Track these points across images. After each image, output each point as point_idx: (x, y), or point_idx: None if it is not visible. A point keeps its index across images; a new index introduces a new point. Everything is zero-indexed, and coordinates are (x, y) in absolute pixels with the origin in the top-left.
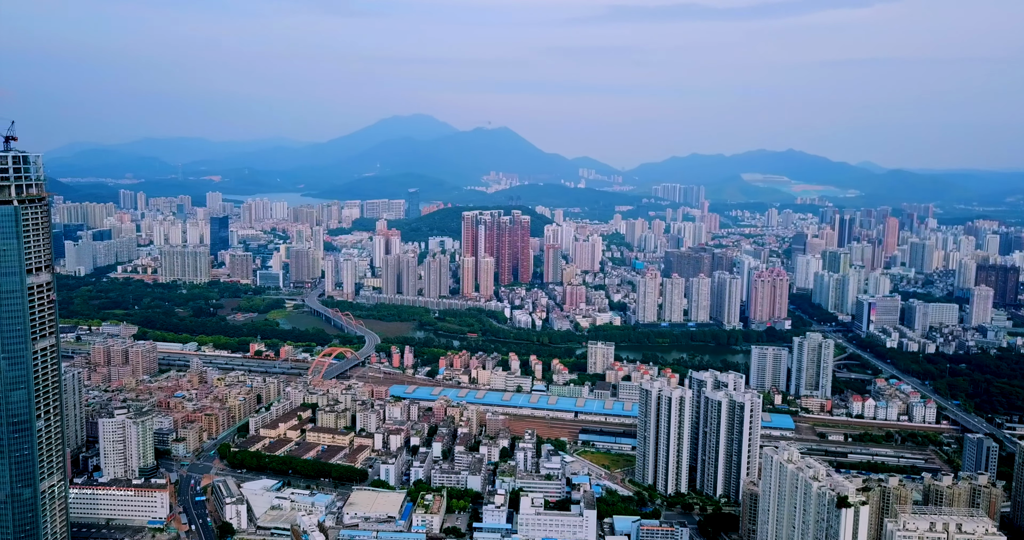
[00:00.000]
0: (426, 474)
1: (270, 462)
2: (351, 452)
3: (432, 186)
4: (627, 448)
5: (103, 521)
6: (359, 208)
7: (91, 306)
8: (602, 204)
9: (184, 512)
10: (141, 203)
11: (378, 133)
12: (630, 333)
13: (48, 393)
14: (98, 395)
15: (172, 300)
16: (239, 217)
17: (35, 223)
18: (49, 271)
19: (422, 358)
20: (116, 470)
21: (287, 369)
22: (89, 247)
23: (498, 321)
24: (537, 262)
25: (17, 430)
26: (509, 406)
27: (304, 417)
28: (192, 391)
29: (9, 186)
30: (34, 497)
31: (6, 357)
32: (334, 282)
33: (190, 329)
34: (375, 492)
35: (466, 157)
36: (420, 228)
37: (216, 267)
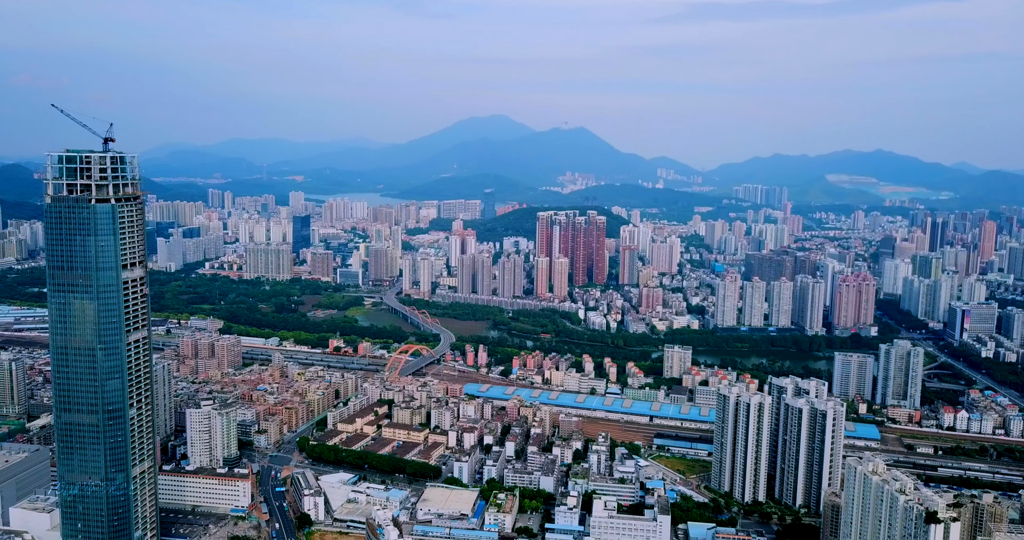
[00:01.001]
0: (499, 473)
1: (347, 456)
2: (425, 449)
3: (508, 187)
4: (703, 454)
5: (189, 507)
6: (436, 208)
7: (180, 301)
8: (681, 205)
9: (265, 502)
10: (228, 202)
11: (456, 134)
12: (708, 337)
13: (140, 383)
14: (186, 386)
15: (256, 296)
16: (320, 216)
17: (130, 221)
18: (143, 267)
19: (496, 357)
20: (202, 459)
21: (365, 365)
22: (179, 244)
23: (572, 322)
24: (613, 263)
25: (112, 418)
26: (583, 408)
27: (380, 413)
28: (274, 385)
29: (107, 185)
30: (126, 482)
31: (103, 348)
32: (411, 281)
33: (272, 324)
34: (448, 489)
35: (542, 157)
36: (495, 228)
37: (298, 265)
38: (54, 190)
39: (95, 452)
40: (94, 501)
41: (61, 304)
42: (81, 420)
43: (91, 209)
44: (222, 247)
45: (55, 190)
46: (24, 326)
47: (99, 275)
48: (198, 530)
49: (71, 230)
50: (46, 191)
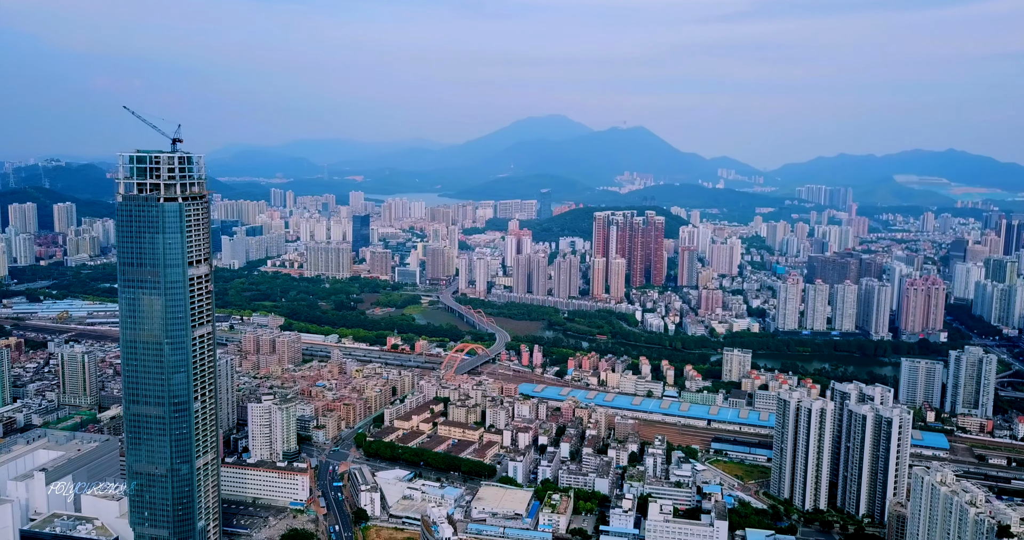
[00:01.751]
0: (553, 474)
1: (403, 453)
2: (480, 447)
3: (564, 186)
4: (762, 459)
5: (250, 499)
6: (492, 208)
7: (243, 297)
8: (741, 205)
9: (323, 496)
10: (290, 201)
11: (513, 134)
12: (769, 340)
13: (204, 377)
14: (248, 381)
15: (316, 294)
16: (379, 216)
17: (196, 219)
18: (207, 264)
19: (551, 358)
20: (262, 452)
21: (421, 363)
22: (243, 242)
23: (628, 324)
24: (671, 264)
25: (177, 410)
26: (639, 411)
27: (436, 410)
28: (332, 381)
29: (175, 184)
30: (191, 473)
31: (169, 342)
32: (467, 280)
33: (332, 322)
34: (503, 488)
35: (600, 157)
36: (551, 228)
37: (357, 263)
38: (125, 189)
39: (161, 443)
40: (160, 490)
41: (131, 299)
42: (148, 412)
43: (159, 208)
44: (284, 245)
45: (126, 189)
46: (96, 320)
47: (166, 272)
48: (258, 522)
49: (140, 228)
50: (118, 190)
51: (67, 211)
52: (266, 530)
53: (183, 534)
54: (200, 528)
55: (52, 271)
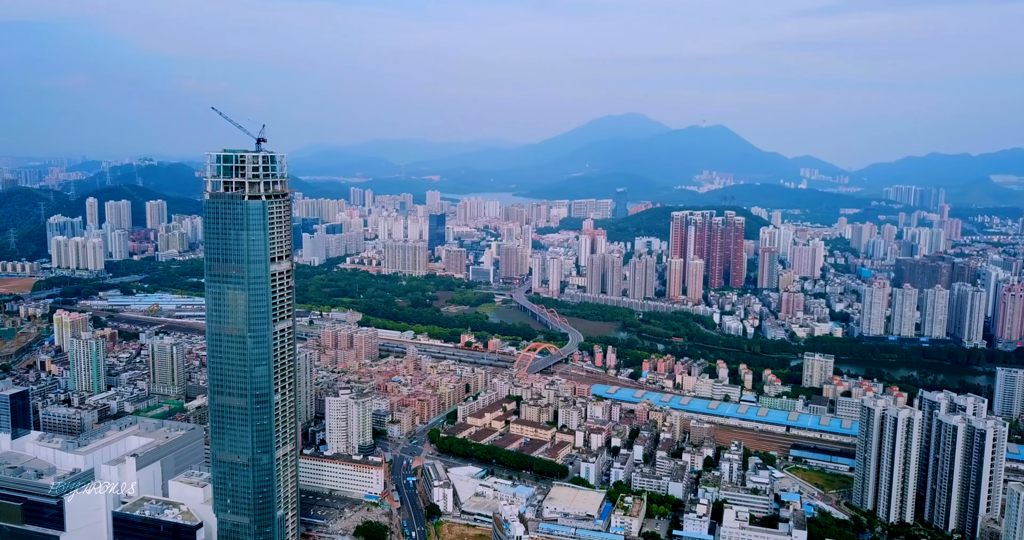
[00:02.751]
0: (626, 476)
1: (476, 450)
2: (552, 447)
3: (641, 186)
4: (844, 468)
5: (326, 491)
6: (567, 207)
7: (322, 293)
8: (825, 206)
9: (396, 490)
10: (368, 200)
11: (589, 133)
12: (852, 346)
13: (285, 370)
14: (326, 375)
15: (392, 291)
16: (455, 215)
17: (279, 216)
18: (289, 260)
19: (625, 359)
20: (339, 445)
21: (494, 361)
22: (323, 240)
23: (706, 326)
24: (751, 266)
25: (259, 402)
26: (715, 415)
27: (508, 409)
28: (407, 377)
29: (259, 183)
30: (271, 463)
31: (252, 336)
32: (540, 279)
33: (408, 318)
34: (575, 489)
35: (678, 156)
36: (627, 228)
37: (433, 261)
38: (212, 187)
39: (243, 433)
40: (242, 479)
41: (216, 294)
42: (232, 403)
43: (244, 205)
44: (362, 243)
45: (213, 187)
46: (184, 314)
47: (250, 267)
48: (334, 513)
49: (226, 225)
50: (205, 188)
51: (158, 208)
52: (341, 521)
53: (263, 522)
54: (279, 517)
55: (144, 266)
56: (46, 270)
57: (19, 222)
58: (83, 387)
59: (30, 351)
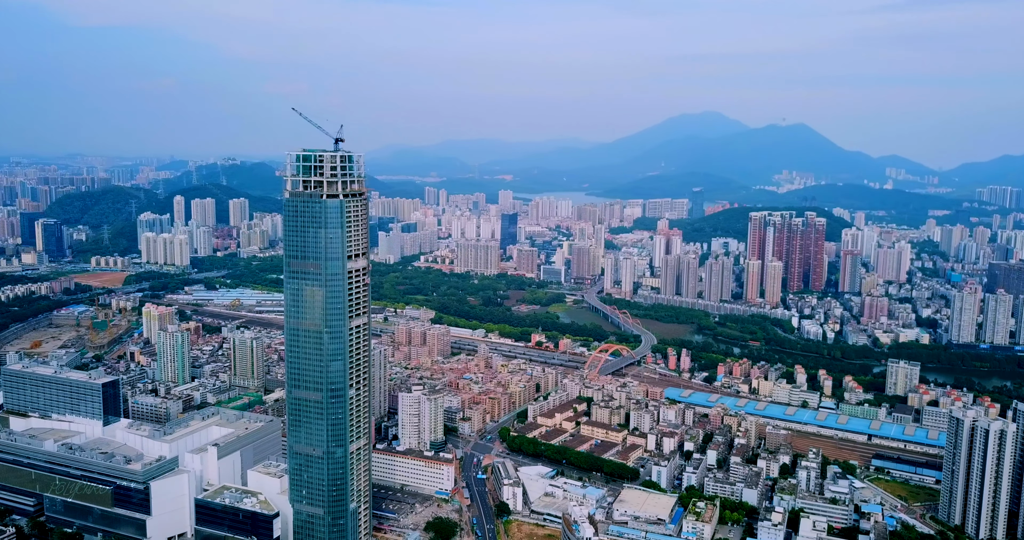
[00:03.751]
0: (699, 481)
1: (546, 450)
2: (623, 449)
3: (718, 185)
4: (929, 480)
5: (398, 486)
6: (641, 207)
7: (397, 291)
8: (912, 207)
9: (467, 487)
10: (443, 199)
11: (665, 132)
12: (940, 353)
13: (359, 366)
14: (399, 371)
15: (465, 289)
16: (527, 214)
17: (356, 215)
18: (365, 258)
19: (699, 363)
20: (411, 441)
21: (565, 361)
22: (398, 238)
23: (784, 330)
24: (832, 269)
25: (334, 396)
26: (792, 421)
27: (579, 410)
28: (478, 375)
29: (337, 182)
30: (345, 457)
31: (328, 331)
32: (613, 280)
33: (479, 317)
34: (646, 492)
35: (756, 155)
36: (703, 228)
37: (504, 260)
38: (292, 186)
39: (319, 426)
40: (317, 471)
41: (295, 290)
42: (308, 396)
43: (322, 204)
44: (436, 242)
45: (293, 186)
46: (264, 309)
47: (327, 264)
48: (405, 508)
49: (305, 223)
50: (285, 187)
51: (241, 206)
52: (412, 516)
53: (336, 514)
54: (352, 510)
55: (227, 262)
56: (136, 265)
57: (112, 219)
58: (169, 378)
59: (121, 342)
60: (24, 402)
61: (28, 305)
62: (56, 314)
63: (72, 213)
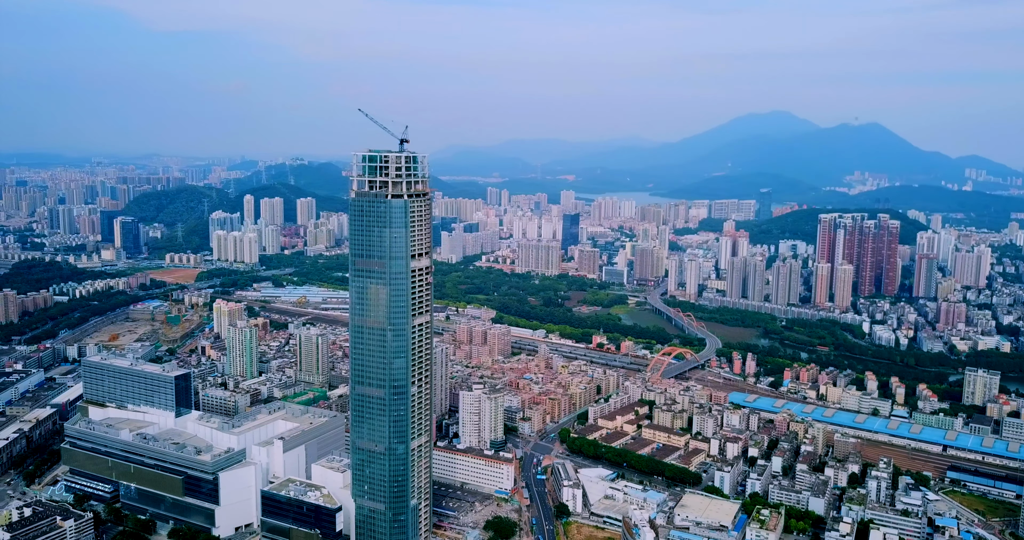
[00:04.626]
0: (763, 488)
1: (606, 452)
2: (685, 454)
3: (786, 186)
4: (1009, 495)
5: (458, 484)
6: (707, 208)
7: (459, 290)
8: (993, 210)
9: (526, 487)
10: (504, 199)
11: (731, 131)
12: (1022, 362)
13: (421, 363)
14: (460, 370)
15: (525, 289)
16: (589, 214)
17: (419, 215)
18: (428, 257)
19: (765, 367)
20: (471, 439)
21: (626, 364)
22: (460, 238)
23: (854, 335)
24: (906, 273)
25: (397, 393)
26: (862, 429)
27: (641, 413)
28: (539, 375)
29: (401, 182)
30: (406, 453)
31: (392, 329)
32: (677, 282)
33: (540, 317)
34: (708, 498)
35: (827, 156)
36: (770, 230)
37: (566, 261)
38: (358, 186)
39: (381, 423)
40: (378, 467)
41: (360, 288)
42: (371, 393)
43: (387, 204)
44: (497, 242)
45: (358, 186)
46: (329, 306)
47: (391, 263)
48: (465, 506)
49: (370, 222)
50: (351, 187)
51: (308, 206)
52: (472, 514)
53: (397, 510)
54: (413, 506)
55: (294, 259)
56: (208, 262)
57: (185, 217)
58: (237, 372)
59: (193, 336)
60: (102, 393)
61: (107, 299)
62: (132, 308)
63: (148, 211)
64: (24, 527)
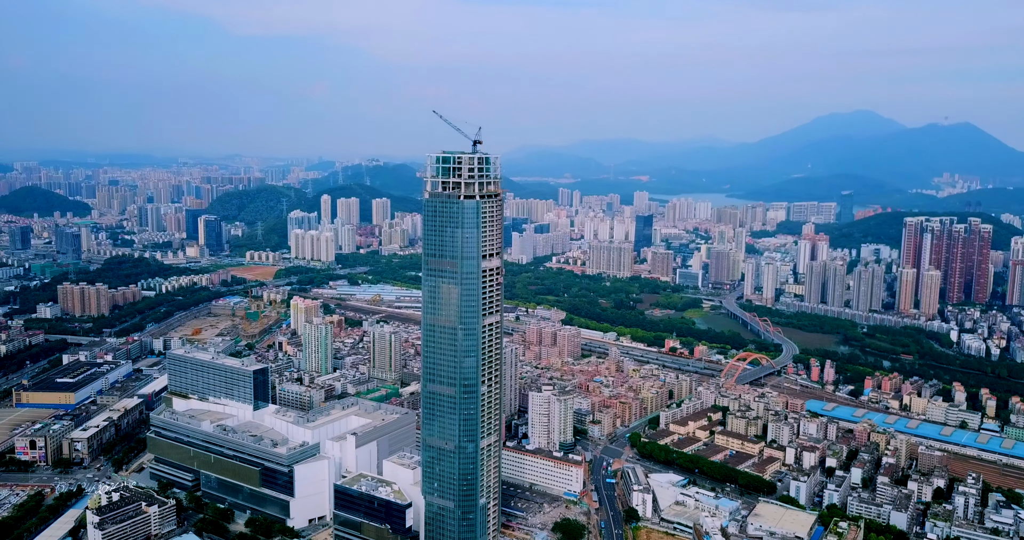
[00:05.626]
0: (841, 499)
1: (677, 458)
2: (759, 462)
3: (869, 188)
4: None
5: (526, 484)
6: (785, 210)
7: (529, 291)
8: None
9: (595, 490)
10: (576, 200)
11: (812, 131)
12: None
13: (491, 363)
14: (530, 370)
15: (596, 291)
16: (663, 216)
17: (490, 216)
18: (499, 258)
19: (844, 375)
20: (540, 440)
21: (700, 368)
22: (531, 239)
23: (941, 344)
24: (998, 280)
25: (467, 392)
26: (948, 442)
27: (714, 419)
28: (609, 378)
29: (474, 183)
30: (475, 452)
31: (463, 328)
32: (753, 286)
33: (611, 319)
34: (783, 508)
35: (913, 157)
36: (852, 234)
37: (638, 263)
38: (431, 187)
39: (451, 421)
40: (448, 465)
41: (432, 287)
42: (442, 391)
43: (459, 204)
44: (568, 243)
45: (432, 187)
46: (402, 304)
47: (463, 263)
48: (534, 507)
49: (443, 222)
50: (425, 188)
51: (383, 206)
52: (540, 516)
53: (467, 508)
54: (482, 505)
55: (368, 259)
56: (286, 259)
57: (265, 216)
58: (313, 367)
59: (271, 332)
60: (185, 384)
61: (190, 295)
62: (214, 304)
63: (230, 210)
64: (112, 511)
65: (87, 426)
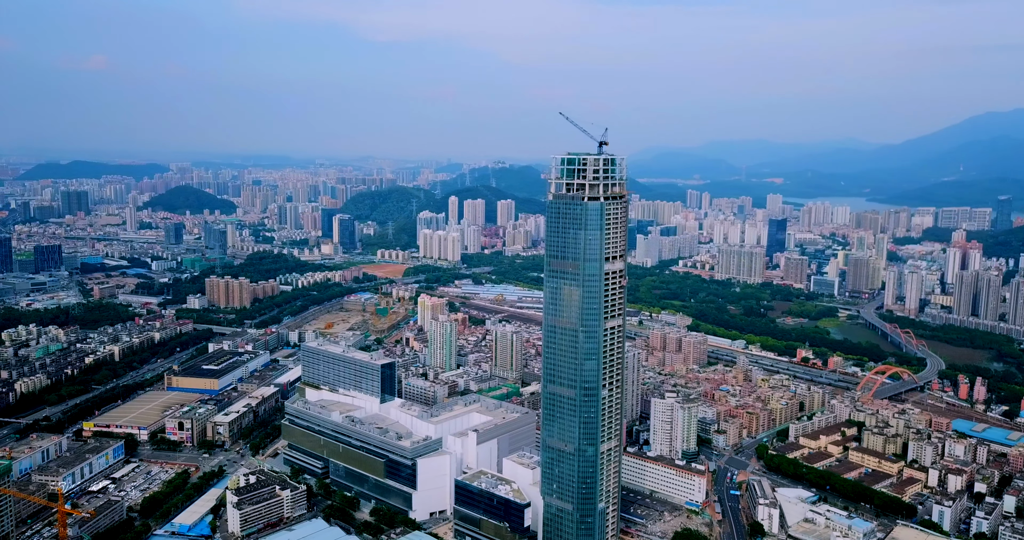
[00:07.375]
0: (992, 528)
1: (807, 473)
2: (898, 482)
3: None
4: None
5: (647, 491)
6: (932, 216)
7: (653, 295)
8: None
9: (718, 501)
10: (705, 203)
11: (965, 132)
12: None
13: (613, 367)
14: (652, 376)
15: (725, 297)
16: (798, 220)
17: (615, 217)
18: (622, 260)
19: (997, 394)
20: (662, 448)
21: (834, 381)
22: (656, 242)
23: None
24: None
25: (587, 395)
26: None
27: (848, 434)
28: (736, 387)
29: (599, 185)
30: (595, 455)
31: (584, 330)
32: (895, 295)
33: (739, 327)
34: (924, 533)
35: None
36: (1009, 242)
37: (770, 269)
38: (556, 189)
39: (571, 423)
40: (567, 467)
41: (554, 288)
42: (562, 392)
43: (583, 206)
44: (696, 246)
45: (556, 188)
46: (525, 305)
47: (586, 265)
48: (654, 515)
49: (566, 224)
50: (549, 189)
51: (508, 207)
52: (660, 524)
53: (585, 511)
54: (601, 509)
55: (492, 259)
56: (414, 258)
57: (396, 216)
58: (437, 363)
59: (398, 328)
60: (318, 376)
61: (324, 290)
62: (346, 299)
63: (363, 209)
64: (248, 492)
65: (228, 411)
